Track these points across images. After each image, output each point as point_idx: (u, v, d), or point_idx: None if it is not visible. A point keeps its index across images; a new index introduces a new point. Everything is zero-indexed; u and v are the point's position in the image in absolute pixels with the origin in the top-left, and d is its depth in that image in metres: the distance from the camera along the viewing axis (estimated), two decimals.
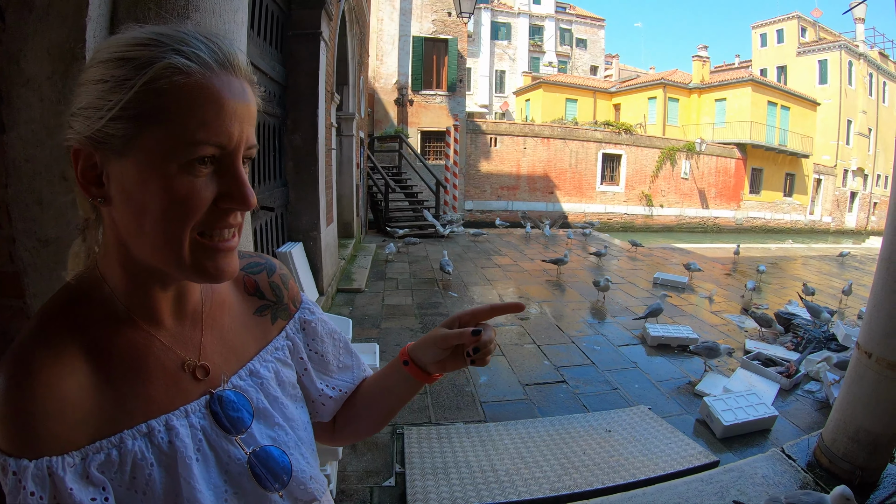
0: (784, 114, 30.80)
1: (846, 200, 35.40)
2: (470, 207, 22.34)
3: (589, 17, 46.64)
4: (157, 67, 0.63)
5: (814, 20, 37.37)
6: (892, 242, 3.17)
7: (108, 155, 0.66)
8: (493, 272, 9.86)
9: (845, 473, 3.22)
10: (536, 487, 3.13)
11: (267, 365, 0.89)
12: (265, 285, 0.95)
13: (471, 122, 22.22)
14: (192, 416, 0.75)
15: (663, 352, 5.92)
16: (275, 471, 0.79)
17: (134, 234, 0.69)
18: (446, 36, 19.48)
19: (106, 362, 0.70)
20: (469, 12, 12.14)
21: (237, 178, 0.69)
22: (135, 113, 0.63)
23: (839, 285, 10.50)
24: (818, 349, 5.85)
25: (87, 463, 0.66)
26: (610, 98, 34.87)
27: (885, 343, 3.12)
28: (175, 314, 0.78)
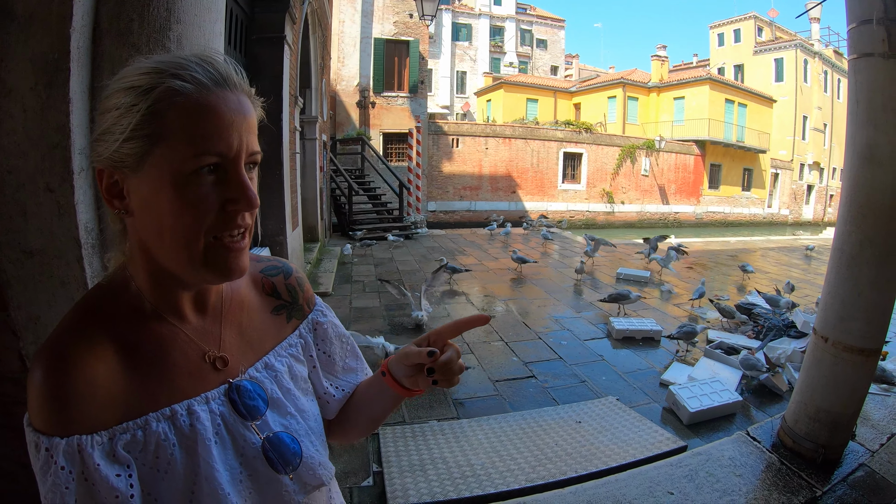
0: (741, 111, 31.96)
1: (803, 193, 36.81)
2: (433, 208, 22.37)
3: (549, 17, 47.22)
4: (157, 92, 0.71)
5: (770, 20, 38.71)
6: (844, 233, 3.32)
7: (126, 172, 0.74)
8: None
9: (809, 452, 3.37)
10: (512, 479, 3.19)
11: (281, 360, 0.96)
12: (282, 287, 1.02)
13: (432, 124, 22.25)
14: (213, 403, 0.82)
15: (628, 344, 6.07)
16: (286, 456, 0.86)
17: (154, 240, 0.77)
18: (407, 37, 19.45)
19: (133, 352, 0.77)
20: (431, 14, 12.20)
21: (240, 182, 0.75)
22: (143, 133, 0.71)
23: (798, 275, 10.94)
24: (778, 336, 6.08)
25: (115, 442, 0.73)
26: (570, 98, 35.46)
27: (840, 327, 3.28)
28: (197, 310, 0.87)
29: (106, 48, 1.43)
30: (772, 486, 3.14)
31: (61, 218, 1.40)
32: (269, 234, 6.39)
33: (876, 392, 4.46)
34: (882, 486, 3.26)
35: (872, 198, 3.20)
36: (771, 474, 3.25)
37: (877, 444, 3.70)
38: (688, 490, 3.00)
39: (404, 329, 6.23)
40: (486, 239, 14.19)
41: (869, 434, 3.82)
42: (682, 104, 31.31)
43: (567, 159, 26.38)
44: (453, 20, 40.79)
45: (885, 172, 3.15)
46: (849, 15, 3.24)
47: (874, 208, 3.19)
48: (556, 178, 26.09)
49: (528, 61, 45.26)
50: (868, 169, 3.21)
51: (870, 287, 3.18)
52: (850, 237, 3.26)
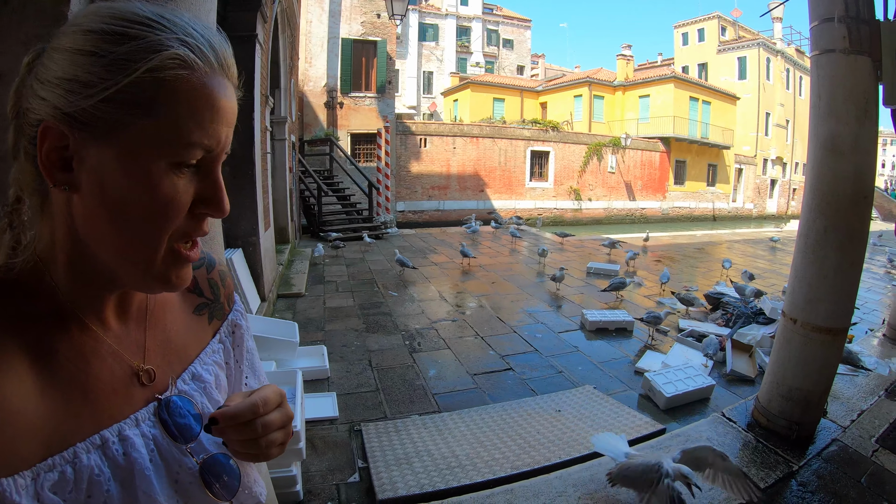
0: (705, 108, 32.75)
1: (767, 188, 37.92)
2: (402, 209, 22.34)
3: (516, 17, 47.51)
4: (164, 56, 0.58)
5: (733, 20, 39.78)
6: (809, 220, 3.48)
7: (87, 138, 0.59)
8: (430, 270, 9.95)
9: (783, 430, 3.53)
10: (498, 467, 3.25)
11: (207, 368, 0.83)
12: (204, 282, 0.89)
13: (400, 124, 22.23)
14: (143, 425, 0.69)
15: (602, 335, 6.20)
16: (223, 478, 0.74)
17: (100, 231, 0.62)
18: (375, 38, 19.40)
19: (49, 364, 0.61)
20: (401, 14, 12.19)
21: (216, 182, 0.65)
22: (129, 99, 0.57)
23: (764, 265, 11.28)
24: (747, 323, 6.27)
25: (39, 483, 0.57)
26: (537, 97, 35.75)
27: (807, 309, 3.45)
28: (119, 314, 0.72)
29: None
30: (749, 462, 3.27)
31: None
32: (242, 234, 6.34)
33: (845, 373, 4.66)
34: (855, 458, 3.42)
35: (835, 186, 3.36)
36: (748, 452, 3.39)
37: (848, 420, 3.90)
38: None
39: (380, 327, 6.23)
40: (458, 237, 14.22)
41: (840, 411, 4.01)
42: (647, 102, 31.90)
43: (534, 158, 26.57)
44: (420, 20, 40.81)
45: (847, 162, 3.31)
46: (811, 13, 3.40)
47: (837, 196, 3.34)
48: (523, 176, 26.25)
49: (494, 61, 45.49)
50: (831, 159, 3.37)
51: (834, 270, 3.34)
52: (815, 224, 3.41)
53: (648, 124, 31.14)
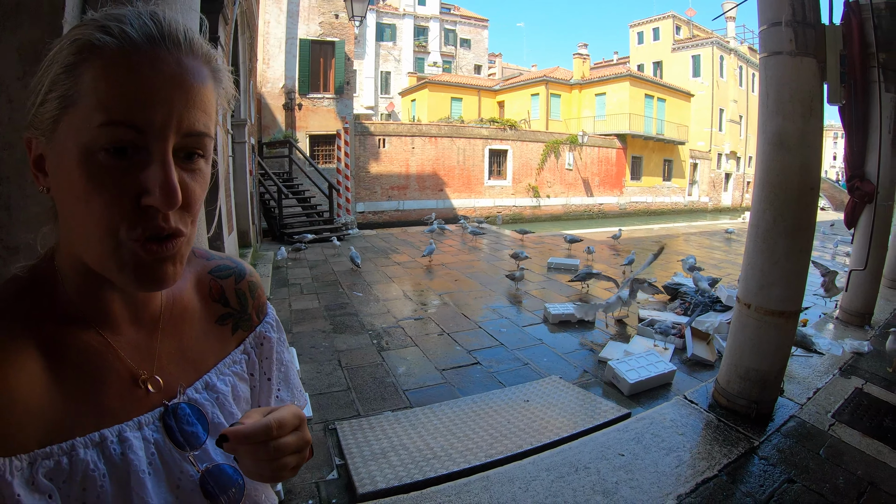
0: (661, 105, 33.74)
1: (721, 181, 39.23)
2: (361, 209, 22.24)
3: (473, 17, 47.77)
4: (76, 45, 0.60)
5: (688, 19, 41.05)
6: (759, 211, 3.71)
7: (43, 142, 0.63)
8: (393, 269, 9.99)
9: (742, 408, 3.75)
10: (472, 457, 3.34)
11: (224, 378, 0.83)
12: (231, 292, 0.89)
13: (359, 124, 22.13)
14: (146, 429, 0.71)
15: (565, 328, 6.37)
16: (227, 488, 0.75)
17: (69, 227, 0.65)
18: (333, 38, 19.21)
19: (58, 362, 0.64)
20: (361, 15, 12.18)
21: (158, 169, 0.61)
22: (57, 95, 0.60)
23: (720, 257, 11.79)
24: (705, 311, 6.53)
25: (35, 468, 0.60)
26: (494, 96, 36.11)
27: (760, 294, 3.67)
28: (133, 319, 0.73)
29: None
30: (712, 440, 3.46)
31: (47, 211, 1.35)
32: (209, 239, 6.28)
33: (800, 355, 4.93)
34: (812, 433, 3.67)
35: (783, 179, 3.58)
36: (711, 431, 3.58)
37: (804, 398, 4.17)
38: (636, 451, 3.25)
39: (347, 328, 6.26)
40: (418, 237, 14.27)
41: (797, 390, 4.27)
42: (603, 100, 32.63)
43: (493, 156, 26.78)
44: (378, 20, 40.63)
45: (794, 156, 3.54)
46: (760, 18, 3.61)
47: (785, 188, 3.57)
48: (482, 174, 26.41)
49: (451, 61, 45.65)
50: (778, 154, 3.59)
51: (785, 257, 3.56)
52: (765, 215, 3.63)
53: (605, 122, 31.88)
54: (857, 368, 4.99)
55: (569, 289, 8.42)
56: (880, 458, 3.41)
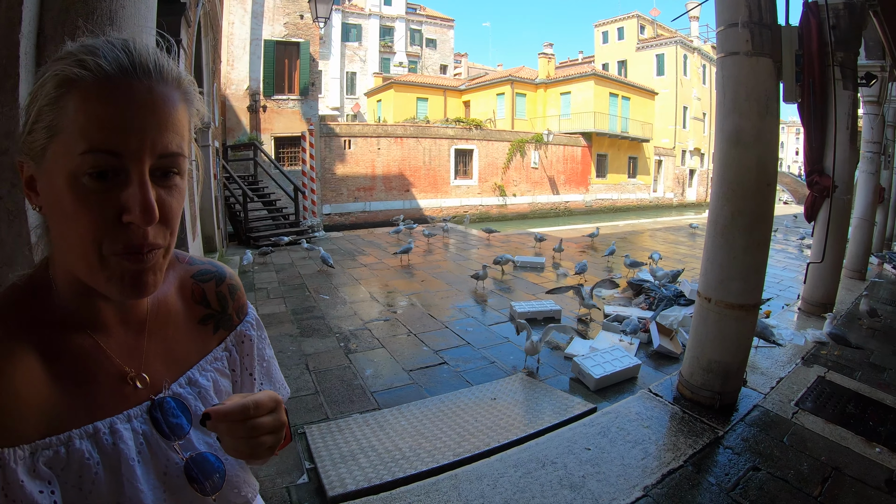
0: (625, 103, 34.35)
1: (686, 177, 40.15)
2: (328, 211, 22.09)
3: (439, 17, 47.88)
4: (57, 79, 0.66)
5: (652, 19, 41.91)
6: (717, 207, 3.82)
7: (33, 166, 0.69)
8: (360, 271, 9.97)
9: (707, 400, 3.87)
10: (440, 456, 3.35)
11: (206, 374, 0.90)
12: (212, 294, 0.95)
13: (324, 126, 21.97)
14: (135, 422, 0.77)
15: (531, 325, 6.40)
16: (210, 475, 0.81)
17: (60, 242, 0.72)
18: (298, 39, 19.01)
19: (55, 363, 0.71)
20: (325, 17, 12.11)
21: (137, 191, 0.67)
22: (43, 125, 0.67)
23: (685, 251, 12.09)
24: (669, 305, 6.69)
25: (36, 458, 0.66)
26: (460, 96, 36.30)
27: (720, 288, 3.79)
28: (121, 322, 0.80)
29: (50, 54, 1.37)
30: (678, 432, 3.55)
31: (11, 224, 1.37)
32: None
33: (762, 346, 5.09)
34: (776, 420, 3.80)
35: (740, 175, 3.70)
36: (676, 422, 3.68)
37: (767, 387, 4.32)
38: (603, 444, 3.32)
39: (315, 331, 6.24)
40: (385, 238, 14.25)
41: (760, 381, 4.42)
42: (568, 99, 33.06)
43: (459, 156, 26.85)
44: (343, 20, 40.39)
45: (750, 153, 3.65)
46: (717, 19, 3.73)
47: (742, 184, 3.68)
48: (448, 174, 26.47)
49: (417, 61, 45.68)
50: (735, 151, 3.71)
51: (743, 252, 3.68)
52: (723, 210, 3.74)
53: (570, 120, 32.32)
54: (819, 357, 5.17)
55: (535, 286, 8.52)
56: (843, 444, 3.54)
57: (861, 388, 4.53)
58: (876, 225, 11.12)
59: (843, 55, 6.35)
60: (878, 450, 3.50)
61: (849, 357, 5.27)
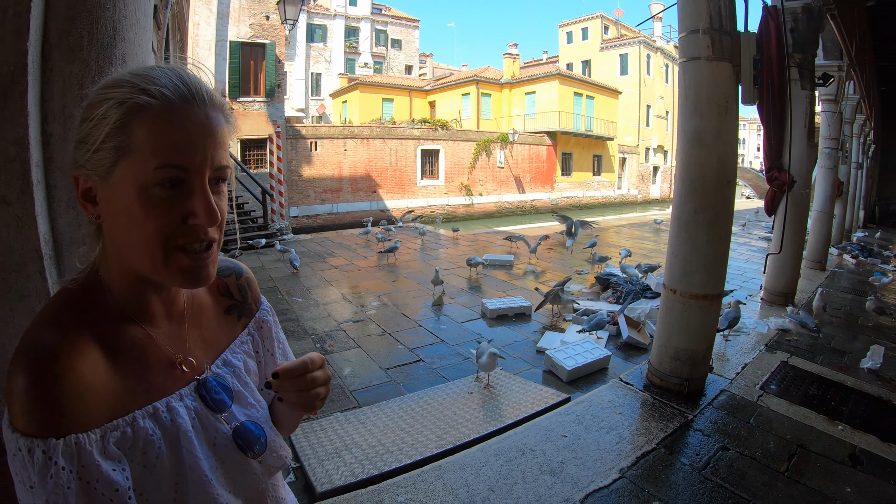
0: (589, 103, 34.88)
1: (650, 174, 41.03)
2: (295, 214, 21.90)
3: (404, 18, 47.82)
4: (126, 106, 0.75)
5: (616, 19, 42.69)
6: (680, 203, 4.02)
7: (97, 180, 0.78)
8: (331, 273, 9.97)
9: (675, 386, 4.07)
10: (423, 449, 3.46)
11: (237, 356, 1.03)
12: (234, 287, 1.08)
13: (290, 128, 21.78)
14: (186, 399, 0.88)
15: (503, 322, 6.62)
16: (253, 442, 0.93)
17: (122, 245, 0.81)
18: (264, 40, 18.76)
19: (113, 353, 0.80)
20: (294, 19, 12.03)
21: (201, 197, 0.79)
22: (112, 145, 0.76)
23: (651, 246, 12.48)
24: (636, 299, 6.91)
25: (106, 439, 0.75)
26: (425, 96, 36.41)
27: (684, 280, 3.99)
28: (166, 315, 0.91)
29: (56, 62, 1.42)
30: (649, 417, 3.74)
31: (21, 230, 1.39)
32: None
33: (727, 334, 5.30)
34: (742, 404, 4.04)
35: (701, 173, 3.89)
36: (647, 408, 3.86)
37: (733, 373, 4.58)
38: (578, 431, 3.47)
39: (290, 333, 6.25)
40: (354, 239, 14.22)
41: (726, 367, 4.68)
42: (533, 98, 33.46)
43: (425, 156, 26.93)
44: (308, 21, 39.90)
45: (710, 153, 3.85)
46: (680, 25, 3.92)
47: (703, 182, 3.88)
48: (415, 175, 26.52)
49: (382, 61, 45.58)
50: (696, 150, 3.90)
51: (705, 245, 3.88)
52: (686, 206, 3.94)
53: (535, 119, 32.71)
54: (782, 343, 5.44)
55: (505, 284, 8.68)
56: (807, 423, 3.78)
57: (823, 370, 4.80)
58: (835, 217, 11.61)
59: (801, 57, 6.64)
60: (841, 427, 3.75)
61: (810, 342, 5.55)
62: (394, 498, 2.82)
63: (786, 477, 3.13)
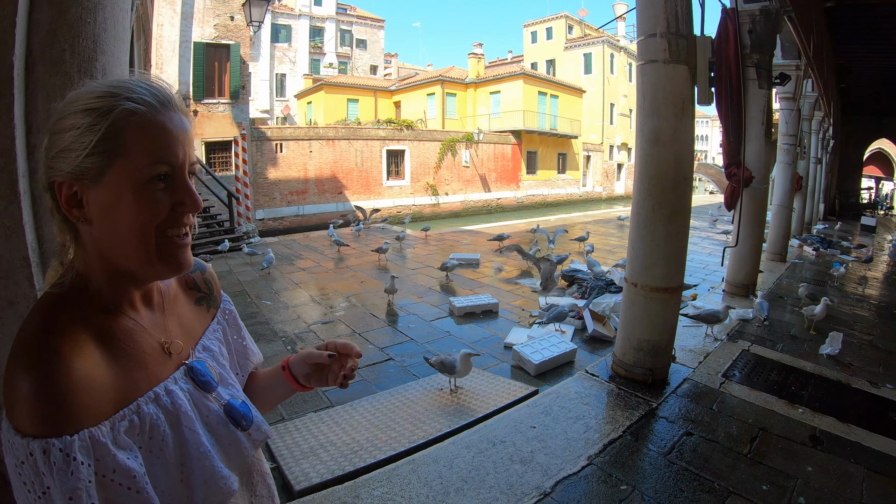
0: (554, 101, 35.24)
1: (614, 172, 41.70)
2: (261, 216, 21.65)
3: (369, 17, 47.59)
4: (115, 113, 0.82)
5: (580, 19, 43.06)
6: (639, 200, 4.19)
7: (86, 184, 0.83)
8: (299, 275, 9.94)
9: (640, 376, 4.22)
10: (397, 444, 3.55)
11: (212, 342, 1.11)
12: (201, 281, 1.17)
13: (255, 130, 21.50)
14: (180, 382, 0.94)
15: (470, 319, 6.75)
16: (240, 418, 1.01)
17: (111, 244, 0.86)
18: (228, 41, 18.41)
19: (109, 345, 0.84)
20: (259, 21, 11.93)
21: (186, 187, 0.89)
22: (103, 150, 0.81)
23: (615, 242, 12.83)
24: (601, 293, 7.10)
25: (116, 430, 0.79)
26: (391, 96, 36.42)
27: (644, 274, 4.15)
28: (146, 306, 0.97)
29: (39, 75, 1.46)
30: (615, 406, 3.88)
31: (9, 239, 1.43)
32: None
33: (689, 325, 5.51)
34: (704, 391, 4.22)
35: (659, 171, 4.06)
36: (613, 398, 4.01)
37: (696, 362, 4.76)
38: (546, 422, 3.59)
39: (260, 336, 6.26)
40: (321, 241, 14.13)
41: (689, 357, 4.86)
42: (498, 98, 33.69)
43: (390, 157, 26.87)
44: (273, 21, 39.39)
45: (668, 151, 4.01)
46: (638, 29, 4.09)
47: (661, 179, 4.05)
48: (380, 175, 26.45)
49: (347, 61, 45.33)
50: (654, 149, 4.07)
51: (664, 240, 4.05)
52: (645, 203, 4.10)
53: (500, 119, 32.95)
54: (743, 333, 5.66)
55: (472, 282, 8.81)
56: (768, 407, 3.97)
57: (783, 357, 5.02)
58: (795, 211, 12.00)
59: (758, 57, 6.87)
60: (801, 410, 3.95)
61: (771, 331, 5.78)
62: (370, 492, 2.89)
63: (748, 459, 3.30)
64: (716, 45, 5.62)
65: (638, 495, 2.93)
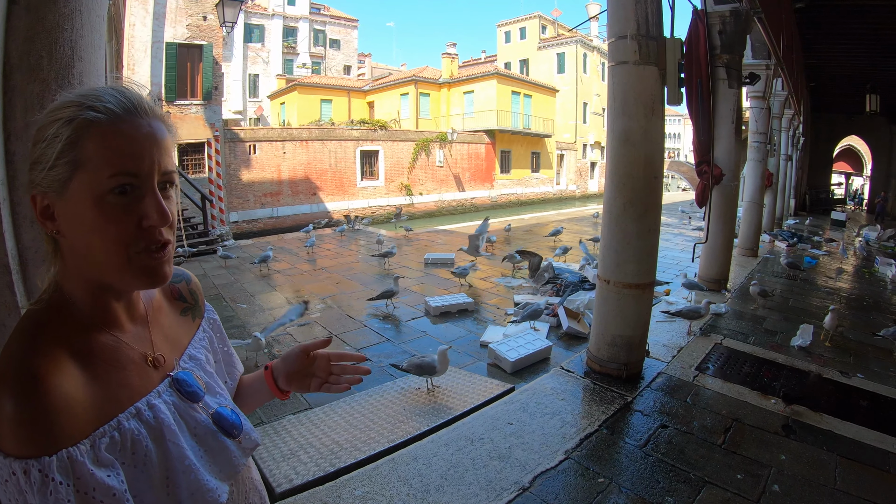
0: (527, 101, 35.43)
1: (587, 170, 42.07)
2: (235, 219, 21.37)
3: (343, 17, 47.24)
4: (75, 123, 0.80)
5: (553, 19, 43.28)
6: (611, 198, 4.26)
7: (54, 197, 0.82)
8: (274, 278, 9.88)
9: (614, 371, 4.31)
10: (376, 444, 3.58)
11: (198, 351, 1.10)
12: (185, 292, 1.16)
13: (228, 131, 21.24)
14: (164, 395, 0.93)
15: (446, 318, 6.82)
16: (228, 426, 1.01)
17: (83, 256, 0.85)
18: (201, 41, 18.16)
19: (90, 363, 0.83)
20: (233, 21, 11.82)
21: (152, 200, 0.85)
22: (65, 161, 0.80)
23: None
24: (575, 290, 7.19)
25: (97, 448, 0.78)
26: (364, 96, 36.32)
27: (617, 271, 4.23)
28: (129, 319, 0.95)
29: (17, 82, 1.46)
30: (591, 401, 3.96)
31: None
32: None
33: (663, 321, 5.62)
34: (678, 385, 4.32)
35: (630, 170, 4.15)
36: (588, 393, 4.09)
37: (669, 356, 4.87)
38: (523, 418, 3.66)
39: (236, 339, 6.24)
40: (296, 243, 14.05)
41: (662, 351, 4.96)
42: (472, 97, 33.80)
43: (364, 157, 26.77)
44: (246, 21, 38.92)
45: (638, 150, 4.11)
46: (609, 31, 4.18)
47: (631, 178, 4.14)
48: (354, 176, 26.34)
49: (321, 62, 45.01)
50: (625, 148, 4.15)
51: (636, 237, 4.14)
52: (616, 201, 4.19)
53: (474, 118, 33.04)
54: (716, 327, 5.79)
55: (447, 282, 8.85)
56: (742, 399, 4.09)
57: (756, 350, 5.16)
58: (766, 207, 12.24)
59: (728, 57, 7.02)
60: (774, 401, 4.07)
61: (743, 324, 5.92)
62: (351, 492, 2.92)
63: (723, 449, 3.40)
64: (687, 45, 5.73)
65: (615, 487, 3.00)
